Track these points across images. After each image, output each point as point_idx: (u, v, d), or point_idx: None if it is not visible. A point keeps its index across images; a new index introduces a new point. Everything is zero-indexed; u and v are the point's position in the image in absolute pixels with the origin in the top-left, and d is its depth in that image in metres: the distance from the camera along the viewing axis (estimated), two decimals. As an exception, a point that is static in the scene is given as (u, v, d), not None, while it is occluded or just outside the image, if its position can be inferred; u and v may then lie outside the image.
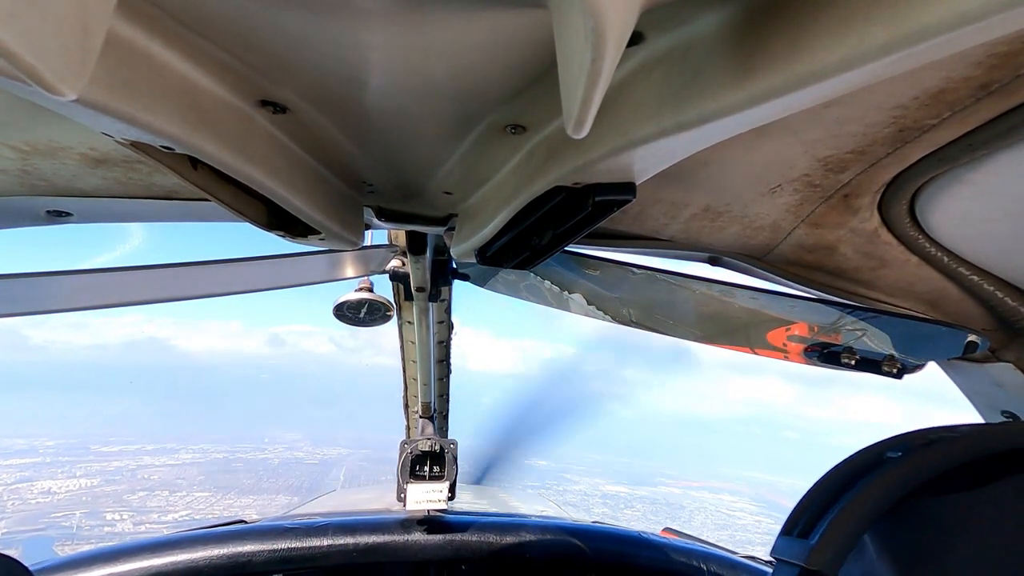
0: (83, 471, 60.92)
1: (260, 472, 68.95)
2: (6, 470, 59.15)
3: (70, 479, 58.14)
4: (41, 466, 61.32)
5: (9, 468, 59.76)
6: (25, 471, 59.39)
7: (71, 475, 59.28)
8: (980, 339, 1.20)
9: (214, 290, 1.52)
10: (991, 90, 0.64)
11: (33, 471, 59.58)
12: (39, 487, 55.37)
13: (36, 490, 54.75)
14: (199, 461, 70.03)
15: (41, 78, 0.33)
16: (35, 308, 1.31)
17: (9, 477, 57.27)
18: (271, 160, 0.70)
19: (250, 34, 0.53)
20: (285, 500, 58.23)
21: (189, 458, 70.94)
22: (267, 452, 78.14)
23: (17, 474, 58.21)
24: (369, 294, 1.72)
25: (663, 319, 1.48)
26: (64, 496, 53.68)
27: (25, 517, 47.36)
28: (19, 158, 0.89)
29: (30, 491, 54.29)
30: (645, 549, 1.91)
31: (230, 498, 57.82)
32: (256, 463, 72.44)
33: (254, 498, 58.69)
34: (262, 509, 55.96)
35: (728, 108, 0.46)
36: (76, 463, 63.21)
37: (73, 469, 60.98)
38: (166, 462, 68.14)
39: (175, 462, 68.51)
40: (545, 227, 0.83)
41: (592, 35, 0.34)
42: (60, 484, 56.39)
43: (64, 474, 59.33)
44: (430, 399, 2.16)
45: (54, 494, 54.00)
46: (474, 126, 0.71)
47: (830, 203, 0.98)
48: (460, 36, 0.51)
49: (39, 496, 53.40)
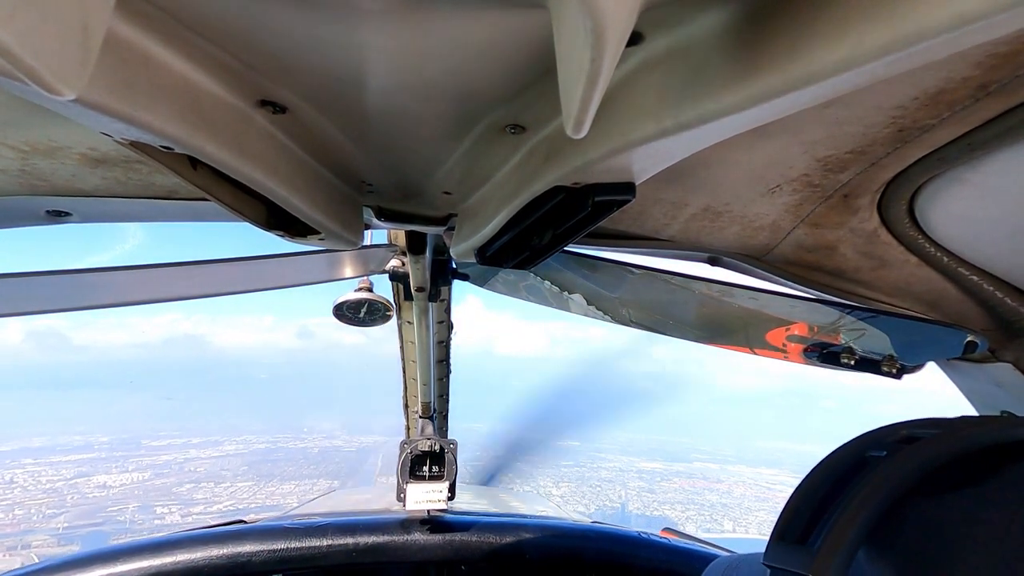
0: (135, 465, 62.26)
1: (300, 460, 70.26)
2: (66, 466, 60.18)
3: (123, 473, 59.48)
4: (97, 461, 62.52)
5: (68, 464, 60.83)
6: (83, 466, 60.50)
7: (124, 469, 60.65)
8: (979, 339, 1.20)
9: (214, 290, 1.52)
10: (990, 90, 0.64)
11: (90, 466, 60.78)
12: (95, 481, 56.49)
13: (93, 484, 55.86)
14: (242, 452, 71.43)
15: (40, 78, 0.33)
16: (35, 308, 1.31)
17: (69, 472, 58.33)
18: (270, 160, 0.70)
19: (250, 34, 0.53)
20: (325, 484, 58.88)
21: (232, 449, 72.44)
22: (306, 441, 79.77)
23: (75, 469, 59.23)
24: (369, 294, 1.72)
25: (663, 319, 1.48)
26: (118, 490, 54.85)
27: (84, 512, 48.21)
28: (19, 158, 0.89)
29: (87, 485, 55.40)
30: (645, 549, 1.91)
31: (272, 485, 58.88)
32: (296, 452, 73.92)
33: (295, 484, 59.62)
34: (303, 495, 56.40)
35: (728, 108, 0.46)
36: (129, 457, 64.52)
37: (126, 463, 62.27)
38: (211, 454, 69.56)
39: (220, 454, 69.91)
40: (545, 227, 0.83)
41: (592, 35, 0.34)
42: (114, 478, 57.71)
43: (118, 468, 60.61)
44: (430, 399, 2.16)
45: (109, 488, 55.14)
46: (474, 126, 0.71)
47: (830, 203, 0.98)
48: (460, 36, 0.51)
49: (95, 490, 54.49)
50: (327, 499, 2.63)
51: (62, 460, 61.61)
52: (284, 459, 69.74)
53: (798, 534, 0.67)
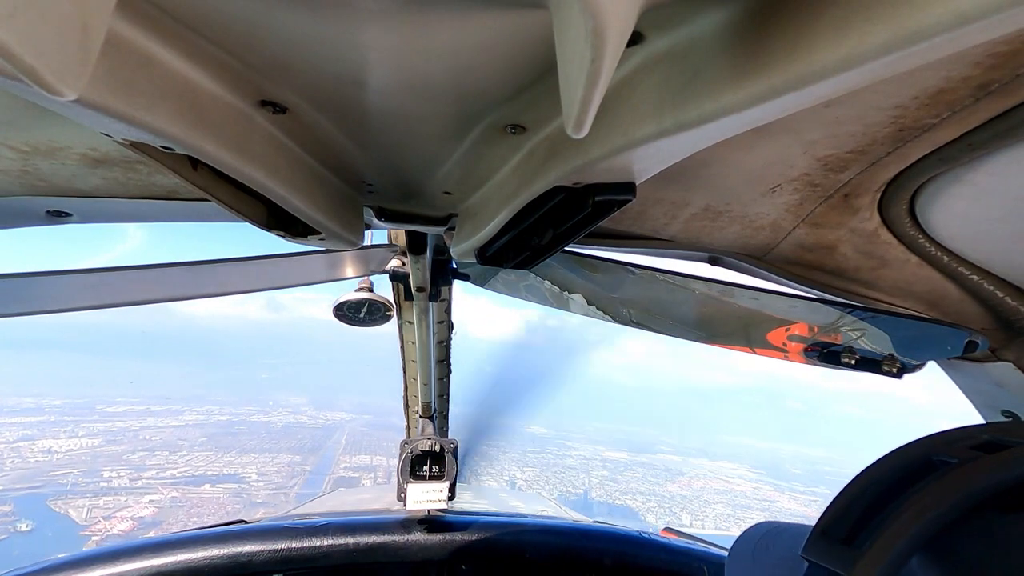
0: (86, 431, 61.75)
1: (262, 435, 69.90)
2: (10, 428, 59.65)
3: (72, 439, 58.89)
4: (45, 425, 62.04)
5: (13, 427, 60.35)
6: (28, 429, 59.97)
7: (73, 435, 60.00)
8: (980, 339, 1.20)
9: (214, 290, 1.52)
10: (991, 90, 0.64)
11: (37, 429, 60.27)
12: (40, 446, 56.01)
13: (37, 449, 55.41)
14: (202, 423, 71.19)
15: (41, 78, 0.33)
16: (35, 308, 1.31)
17: (12, 435, 57.77)
18: (271, 160, 0.70)
19: (250, 34, 0.53)
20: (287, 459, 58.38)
21: (192, 420, 72.18)
22: (270, 416, 79.77)
23: (20, 432, 58.74)
24: (369, 294, 1.72)
25: (663, 319, 1.48)
26: (64, 455, 54.27)
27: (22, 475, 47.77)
28: (19, 158, 0.89)
29: (30, 450, 54.93)
30: (645, 549, 1.91)
31: (230, 456, 58.43)
32: (259, 426, 73.74)
33: (255, 456, 59.29)
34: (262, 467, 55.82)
35: (728, 108, 0.46)
36: (80, 422, 64.01)
37: (76, 429, 61.71)
38: (169, 423, 69.23)
39: (178, 423, 69.58)
40: (545, 227, 0.83)
41: (592, 35, 0.34)
42: (62, 443, 57.16)
43: (66, 434, 60.02)
44: (430, 399, 2.16)
45: (54, 453, 54.71)
46: (474, 126, 0.71)
47: (830, 203, 0.98)
48: (460, 36, 0.51)
49: (39, 455, 54.01)
50: (327, 499, 2.64)
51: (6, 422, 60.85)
52: (246, 432, 69.14)
53: (844, 533, 0.63)
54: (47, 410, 66.47)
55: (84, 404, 71.98)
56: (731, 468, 74.86)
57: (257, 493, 50.51)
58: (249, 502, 48.26)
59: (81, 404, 71.78)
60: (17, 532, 39.21)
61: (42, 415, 64.72)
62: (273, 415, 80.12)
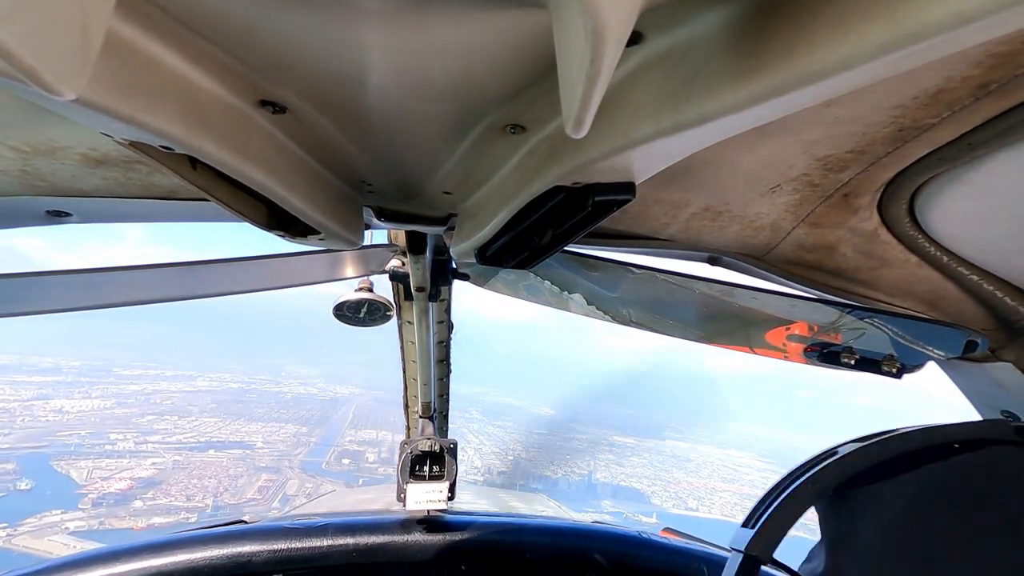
0: (99, 392, 61.90)
1: (272, 404, 70.33)
2: (27, 387, 59.63)
3: (85, 400, 59.06)
4: (61, 385, 62.16)
5: (30, 385, 60.35)
6: (45, 388, 60.00)
7: (87, 396, 60.17)
8: (980, 339, 1.20)
9: (214, 290, 1.52)
10: (990, 90, 0.64)
11: (52, 389, 60.33)
12: (52, 405, 56.06)
13: (49, 408, 55.48)
14: (214, 389, 71.48)
15: (41, 78, 0.33)
16: (35, 308, 1.31)
17: (28, 393, 57.83)
18: (270, 160, 0.70)
19: (249, 34, 0.53)
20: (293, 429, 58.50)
21: (205, 385, 72.47)
22: (282, 386, 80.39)
23: (36, 391, 58.76)
24: (369, 294, 1.72)
25: (663, 319, 1.48)
26: (74, 416, 54.47)
27: (30, 434, 47.80)
28: (19, 158, 0.89)
29: (43, 409, 55.02)
30: (645, 549, 1.91)
31: (238, 424, 58.65)
32: (269, 395, 74.29)
33: (262, 425, 59.51)
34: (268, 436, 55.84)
35: (728, 108, 0.46)
36: (95, 384, 64.17)
37: (90, 390, 61.85)
38: (182, 388, 69.58)
39: (191, 389, 69.93)
40: (545, 227, 0.83)
41: (591, 35, 0.34)
42: (73, 404, 57.35)
43: (80, 394, 60.19)
44: (430, 399, 2.16)
45: (65, 413, 54.85)
46: (474, 126, 0.71)
47: (830, 203, 0.98)
48: (460, 36, 0.51)
49: (51, 414, 54.07)
50: (327, 499, 2.64)
51: (24, 380, 60.92)
52: (256, 401, 69.47)
53: (753, 521, 0.92)
54: (65, 370, 66.57)
55: (102, 366, 72.24)
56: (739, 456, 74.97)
57: (261, 459, 50.63)
58: (253, 467, 48.32)
59: (99, 366, 72.04)
60: (16, 491, 39.07)
61: (60, 375, 64.72)
62: (285, 385, 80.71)
